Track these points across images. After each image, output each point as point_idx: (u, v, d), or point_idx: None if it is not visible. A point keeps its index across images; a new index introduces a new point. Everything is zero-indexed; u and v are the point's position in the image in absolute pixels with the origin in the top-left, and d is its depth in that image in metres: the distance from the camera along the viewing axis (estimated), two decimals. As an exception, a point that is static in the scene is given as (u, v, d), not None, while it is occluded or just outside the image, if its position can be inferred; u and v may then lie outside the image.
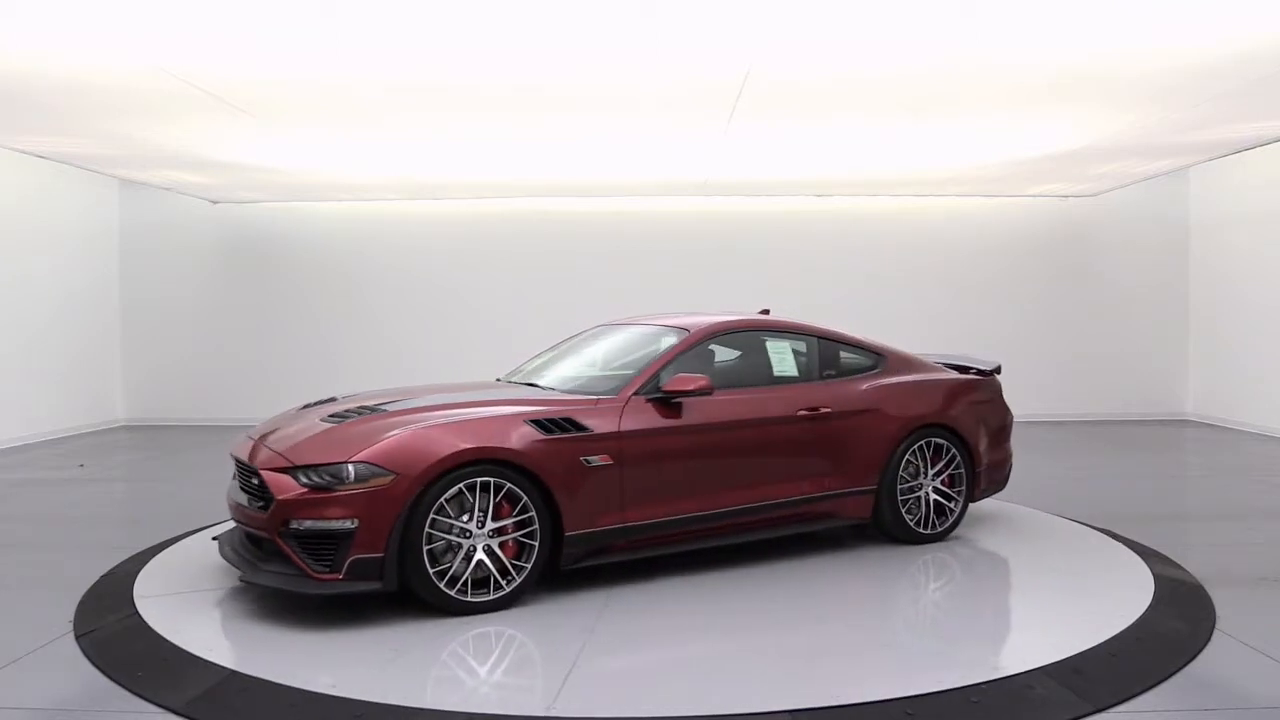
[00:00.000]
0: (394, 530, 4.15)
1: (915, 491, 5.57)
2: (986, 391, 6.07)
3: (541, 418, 4.58)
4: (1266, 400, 10.44)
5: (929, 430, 5.63)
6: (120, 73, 6.21)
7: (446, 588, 4.25)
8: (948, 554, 5.42)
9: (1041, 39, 5.62)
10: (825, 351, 5.64)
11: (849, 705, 3.30)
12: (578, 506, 4.53)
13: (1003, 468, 6.11)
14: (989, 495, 6.02)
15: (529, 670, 3.81)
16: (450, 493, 4.25)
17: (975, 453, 5.77)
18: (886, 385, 5.65)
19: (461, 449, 4.28)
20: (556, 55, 5.95)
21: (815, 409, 5.33)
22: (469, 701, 3.44)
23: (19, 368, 10.39)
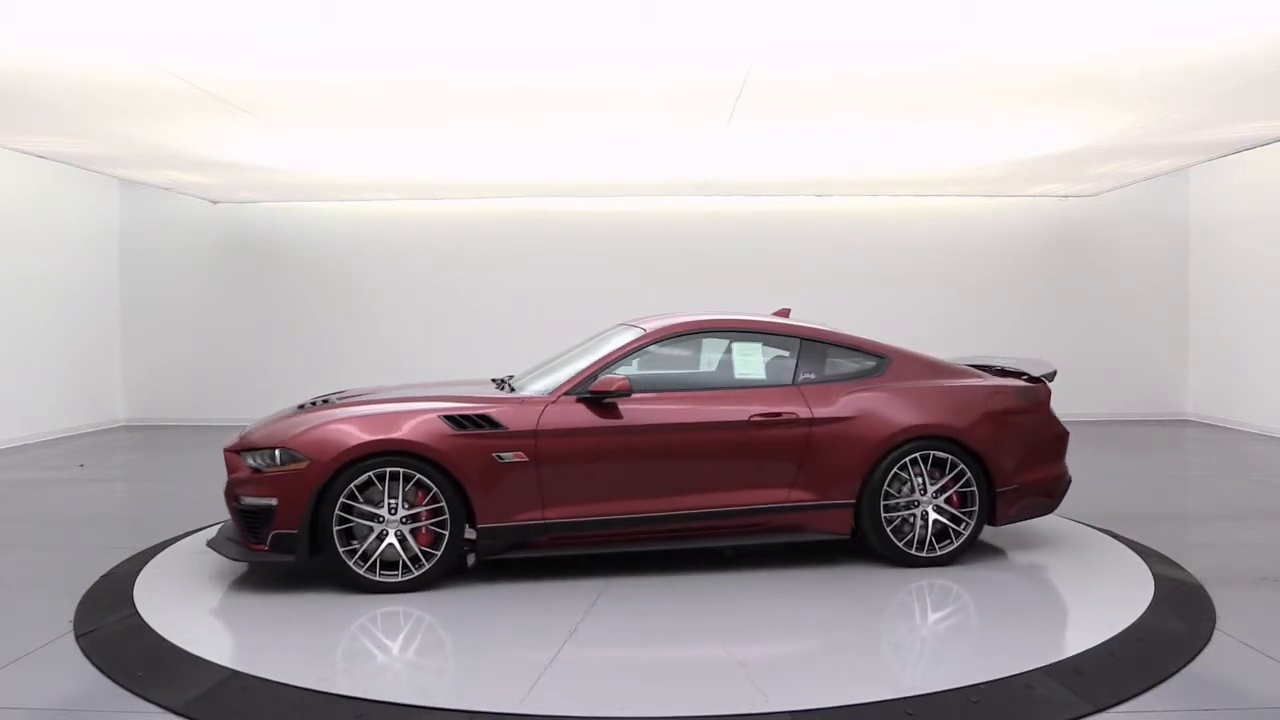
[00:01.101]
0: (306, 510, 4.61)
1: (910, 509, 5.05)
2: (1020, 400, 5.35)
3: (456, 414, 4.83)
4: (1266, 400, 10.44)
5: (927, 442, 5.08)
6: (120, 73, 6.20)
7: (356, 565, 4.65)
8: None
9: (1041, 39, 5.62)
10: (807, 354, 5.27)
11: (849, 705, 3.30)
12: (491, 500, 4.74)
13: (1047, 488, 5.36)
14: (1028, 518, 5.39)
15: (510, 664, 3.81)
16: (360, 480, 4.64)
17: (995, 470, 5.10)
18: (874, 391, 5.16)
19: (364, 441, 4.68)
20: (556, 55, 5.95)
21: (776, 414, 5.00)
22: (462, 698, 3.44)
23: (19, 368, 10.39)
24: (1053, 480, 5.39)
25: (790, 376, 5.19)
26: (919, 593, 4.72)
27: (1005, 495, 5.17)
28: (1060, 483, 5.44)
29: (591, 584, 4.78)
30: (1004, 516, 5.21)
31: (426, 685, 3.61)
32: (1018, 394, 5.39)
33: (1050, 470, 5.39)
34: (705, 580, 4.85)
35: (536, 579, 4.88)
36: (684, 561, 5.09)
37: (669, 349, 5.48)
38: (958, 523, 5.09)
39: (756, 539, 5.06)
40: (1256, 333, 10.67)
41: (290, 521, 4.63)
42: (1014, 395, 5.38)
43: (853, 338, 5.47)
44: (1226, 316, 11.28)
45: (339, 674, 3.63)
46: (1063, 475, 5.46)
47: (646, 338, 5.24)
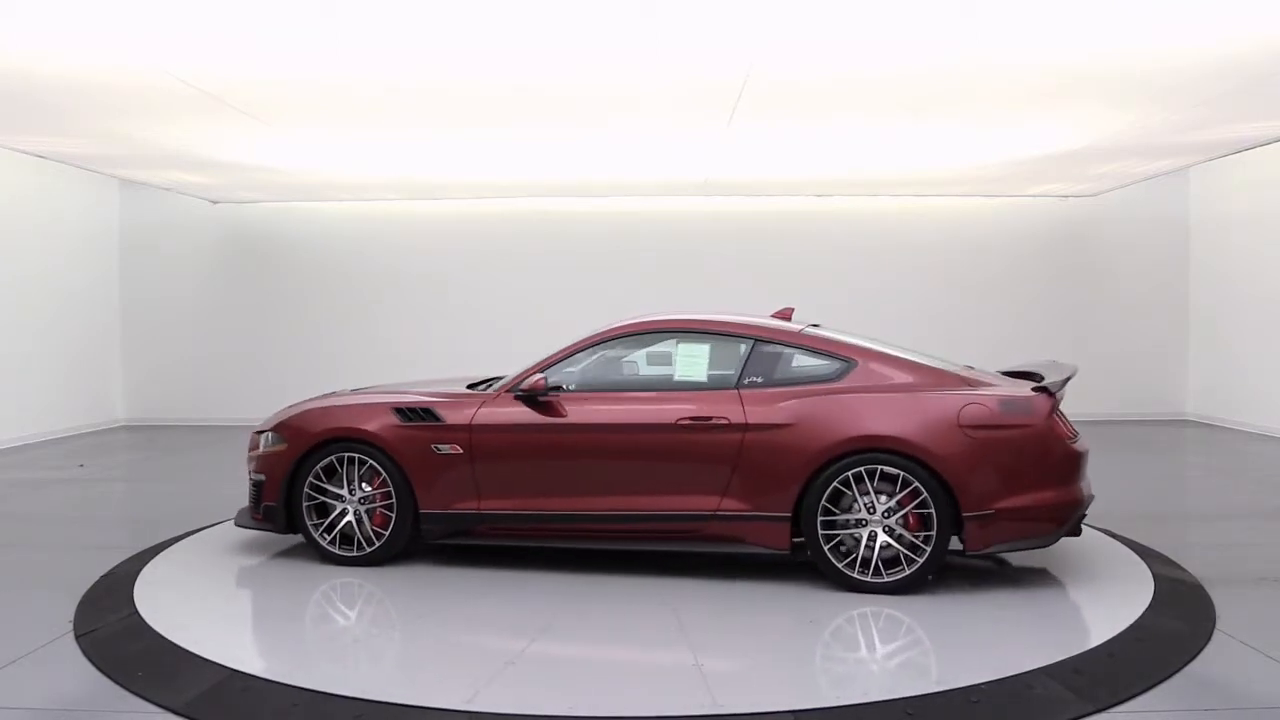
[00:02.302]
0: (283, 487, 5.20)
1: (856, 528, 4.60)
2: (1004, 413, 4.64)
3: (405, 407, 5.19)
4: (1266, 400, 10.44)
5: (873, 454, 4.60)
6: (120, 73, 6.20)
7: (320, 538, 5.20)
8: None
9: (1041, 39, 5.62)
10: (759, 356, 4.95)
11: (849, 705, 3.30)
12: (432, 488, 5.07)
13: (1042, 515, 4.61)
14: (1018, 548, 4.71)
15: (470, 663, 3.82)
16: (324, 462, 5.18)
17: (961, 491, 4.51)
18: (823, 396, 4.75)
19: (325, 428, 5.24)
20: (556, 55, 5.95)
21: (706, 418, 4.78)
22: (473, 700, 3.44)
23: (19, 368, 10.39)
24: (1050, 507, 4.61)
25: (734, 379, 4.92)
26: (917, 594, 4.71)
27: (977, 521, 4.52)
28: (1062, 510, 4.64)
29: (576, 579, 4.79)
30: (977, 545, 4.56)
31: (425, 684, 3.61)
32: (1001, 406, 4.67)
33: (1046, 495, 4.60)
34: (717, 584, 4.85)
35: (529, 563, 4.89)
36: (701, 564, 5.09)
37: (631, 350, 5.34)
38: (916, 549, 4.56)
39: (691, 546, 4.86)
40: (1256, 333, 10.67)
41: (273, 496, 5.24)
42: (994, 407, 4.65)
43: (818, 339, 5.07)
44: (1226, 316, 11.28)
45: (339, 672, 3.63)
46: (1066, 501, 4.65)
47: (594, 338, 5.24)
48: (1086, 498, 4.78)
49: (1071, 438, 4.75)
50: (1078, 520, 4.81)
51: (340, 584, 4.91)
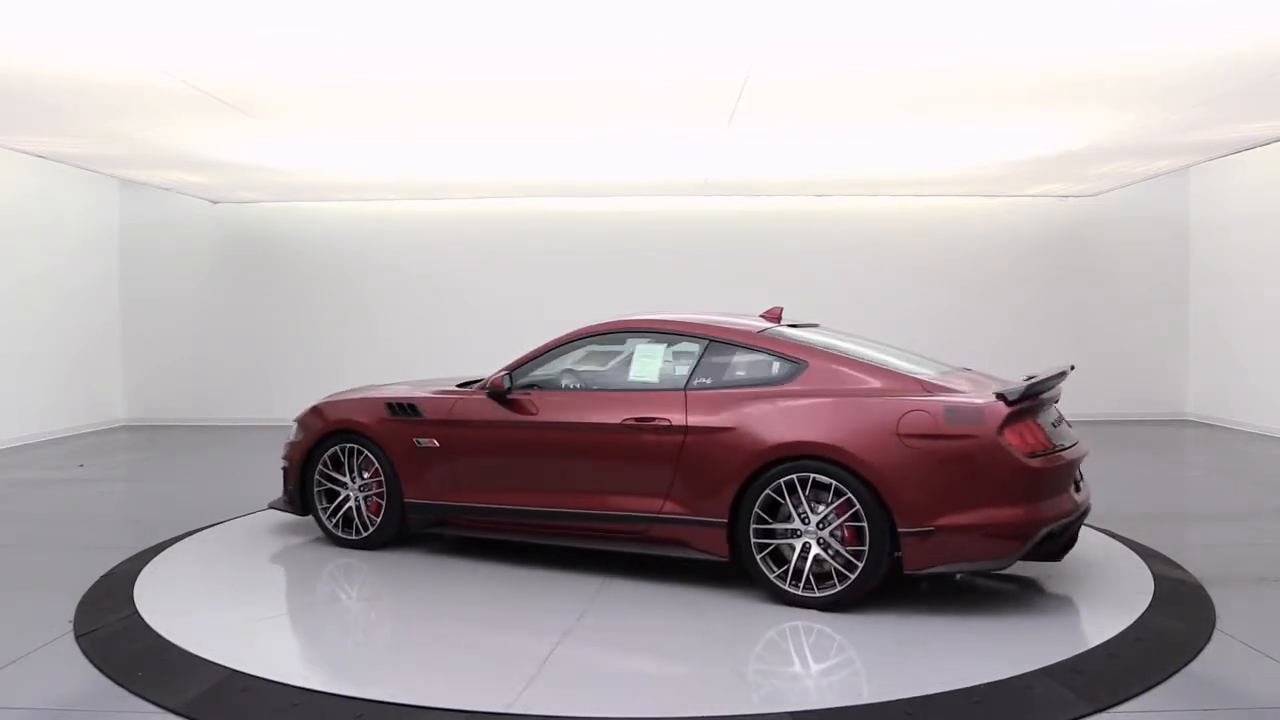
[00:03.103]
0: (298, 474, 5.69)
1: (791, 538, 4.39)
2: (949, 423, 4.25)
3: (394, 402, 5.52)
4: (1266, 400, 10.44)
5: (804, 462, 4.37)
6: (120, 73, 6.20)
7: (326, 521, 5.61)
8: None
9: (1041, 39, 5.62)
10: (711, 357, 4.85)
11: (849, 706, 3.30)
12: (416, 479, 5.35)
13: (990, 534, 4.18)
14: (962, 571, 4.34)
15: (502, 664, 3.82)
16: (330, 452, 5.59)
17: (896, 505, 4.20)
18: (764, 400, 4.58)
19: (329, 420, 5.67)
20: (556, 55, 5.95)
21: (649, 419, 4.75)
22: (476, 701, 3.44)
23: (19, 368, 10.39)
24: (1001, 526, 4.17)
25: (685, 380, 4.84)
26: (916, 594, 4.71)
27: (915, 537, 4.19)
28: (1017, 529, 4.18)
29: (590, 580, 4.79)
30: (916, 563, 4.21)
31: (423, 684, 3.61)
32: (945, 414, 4.28)
33: (996, 513, 4.18)
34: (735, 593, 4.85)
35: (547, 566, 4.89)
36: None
37: (608, 349, 5.36)
38: (851, 565, 4.29)
39: (637, 547, 4.81)
40: (1256, 333, 10.67)
41: (292, 481, 5.74)
42: (938, 415, 4.28)
43: (773, 340, 4.87)
44: (1226, 316, 11.28)
45: (339, 672, 3.63)
46: (1020, 521, 4.19)
47: (562, 338, 5.32)
48: (1059, 515, 4.30)
49: (1035, 451, 4.25)
50: (1054, 542, 4.40)
51: (340, 584, 4.91)
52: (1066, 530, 4.51)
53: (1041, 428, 4.43)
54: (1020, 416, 4.30)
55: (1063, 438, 4.59)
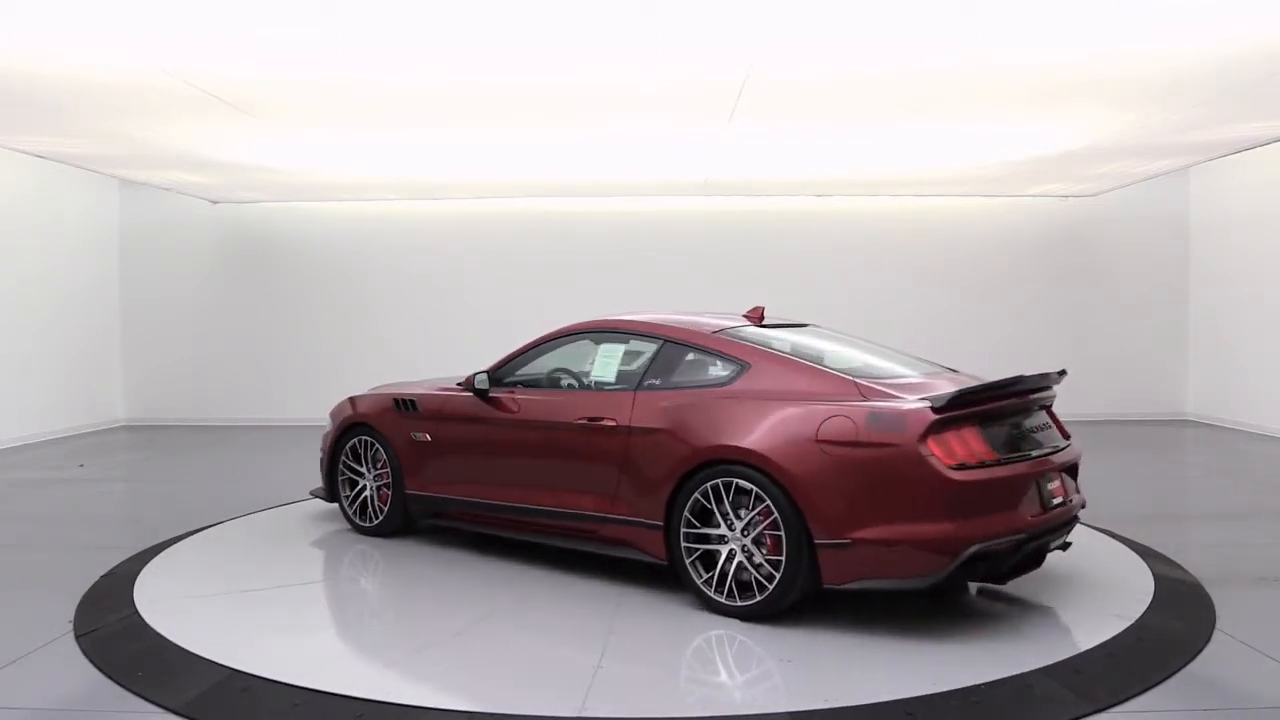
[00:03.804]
0: (328, 464, 6.09)
1: (719, 544, 4.28)
2: (869, 430, 3.99)
3: (398, 398, 5.80)
4: (1266, 400, 10.44)
5: (728, 467, 4.25)
6: (120, 73, 6.20)
7: (346, 508, 6.02)
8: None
9: (1041, 39, 5.62)
10: (664, 358, 4.80)
11: (849, 706, 3.30)
12: (414, 472, 5.64)
13: (905, 551, 3.90)
14: (883, 588, 4.02)
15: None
16: (349, 444, 5.97)
17: (811, 515, 4.00)
18: (699, 402, 4.50)
19: (348, 415, 6.05)
20: (556, 55, 5.95)
21: (598, 419, 4.76)
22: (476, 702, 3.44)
23: (19, 368, 10.39)
24: (922, 543, 3.87)
25: (637, 380, 4.82)
26: (916, 594, 4.71)
27: (831, 549, 3.98)
28: (939, 547, 3.86)
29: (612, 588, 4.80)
30: (834, 577, 4.01)
31: (423, 685, 3.61)
32: (867, 421, 4.02)
33: (917, 528, 3.88)
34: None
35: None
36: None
37: (567, 350, 5.43)
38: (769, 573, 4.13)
39: (597, 547, 4.80)
40: (1256, 333, 10.67)
41: (323, 470, 6.19)
42: (859, 422, 4.03)
43: (721, 340, 4.75)
44: (1226, 316, 11.28)
45: (338, 672, 3.62)
46: (942, 538, 3.85)
47: (539, 339, 5.44)
48: (996, 533, 3.93)
49: (966, 463, 3.91)
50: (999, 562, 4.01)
51: (339, 584, 4.91)
52: (1019, 549, 4.03)
53: (983, 438, 4.04)
54: (951, 425, 3.97)
55: (1029, 447, 4.26)
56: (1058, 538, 4.37)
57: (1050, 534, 4.26)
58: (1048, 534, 4.22)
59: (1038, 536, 4.13)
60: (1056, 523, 4.27)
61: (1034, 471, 4.18)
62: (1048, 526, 4.19)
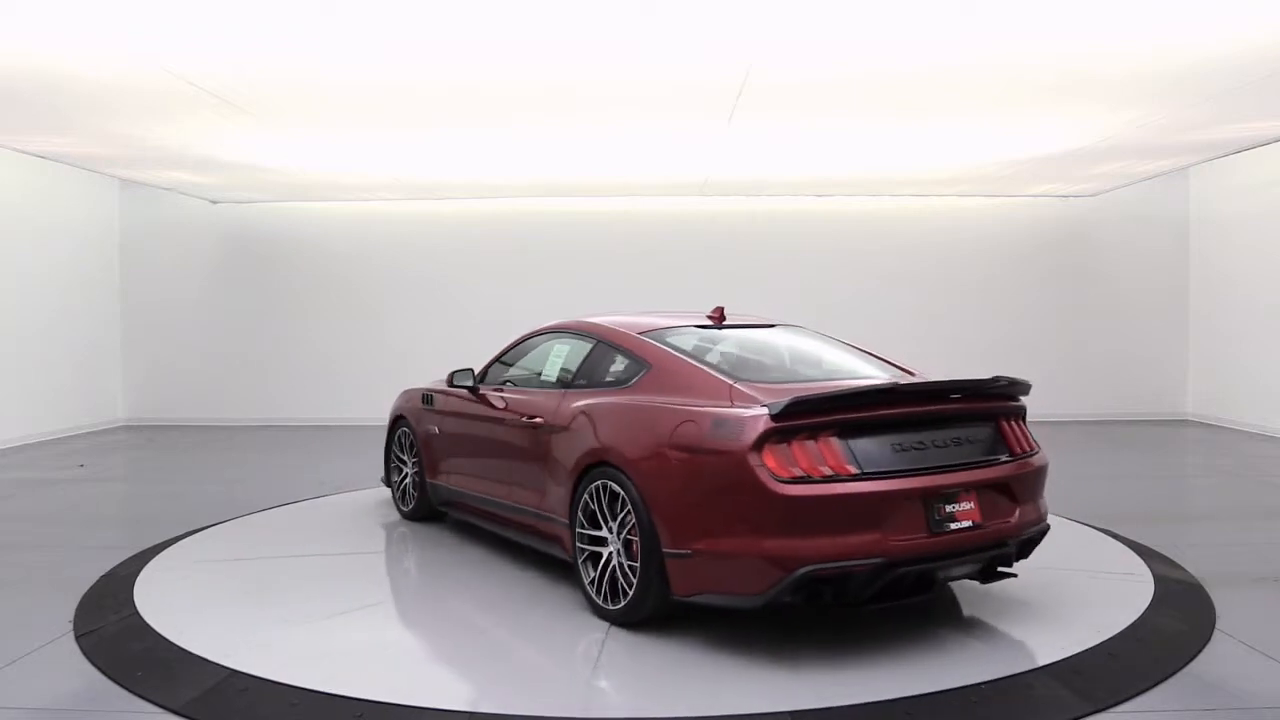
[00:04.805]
0: (385, 454, 6.61)
1: (601, 546, 4.22)
2: (713, 436, 3.78)
3: (426, 393, 6.16)
4: (1266, 400, 10.44)
5: (603, 470, 4.20)
6: (120, 73, 6.21)
7: (394, 493, 6.51)
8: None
9: (1042, 39, 5.62)
10: (595, 357, 4.83)
11: (849, 705, 3.30)
12: (433, 462, 5.99)
13: (739, 567, 3.65)
14: (721, 604, 3.80)
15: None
16: (395, 435, 6.48)
17: (659, 521, 3.86)
18: (597, 402, 4.46)
19: (396, 408, 6.54)
20: (556, 55, 5.95)
21: (533, 417, 4.86)
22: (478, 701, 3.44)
23: (19, 368, 10.39)
24: (749, 558, 3.61)
25: (570, 380, 4.90)
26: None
27: (676, 560, 3.81)
28: (765, 564, 3.57)
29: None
30: (680, 589, 3.83)
31: (423, 684, 3.61)
32: (713, 426, 3.81)
33: (744, 543, 3.63)
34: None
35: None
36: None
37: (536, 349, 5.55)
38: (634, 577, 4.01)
39: (547, 545, 4.77)
40: (1256, 333, 10.67)
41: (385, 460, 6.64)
42: (706, 427, 3.83)
43: (637, 341, 4.66)
44: (1226, 316, 11.28)
45: (337, 673, 3.62)
46: (768, 555, 3.57)
47: (519, 338, 5.73)
48: (842, 555, 3.56)
49: (805, 476, 3.59)
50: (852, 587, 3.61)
51: (339, 584, 4.91)
52: (880, 575, 3.60)
53: (844, 449, 3.68)
54: (802, 433, 3.65)
55: (926, 462, 3.80)
56: (964, 565, 3.90)
57: (948, 560, 3.78)
58: (940, 560, 3.75)
59: (918, 562, 3.68)
60: (959, 548, 3.78)
61: (915, 489, 3.70)
62: (938, 553, 3.72)
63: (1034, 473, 4.15)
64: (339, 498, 7.23)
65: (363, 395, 12.04)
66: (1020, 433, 4.21)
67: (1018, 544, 4.03)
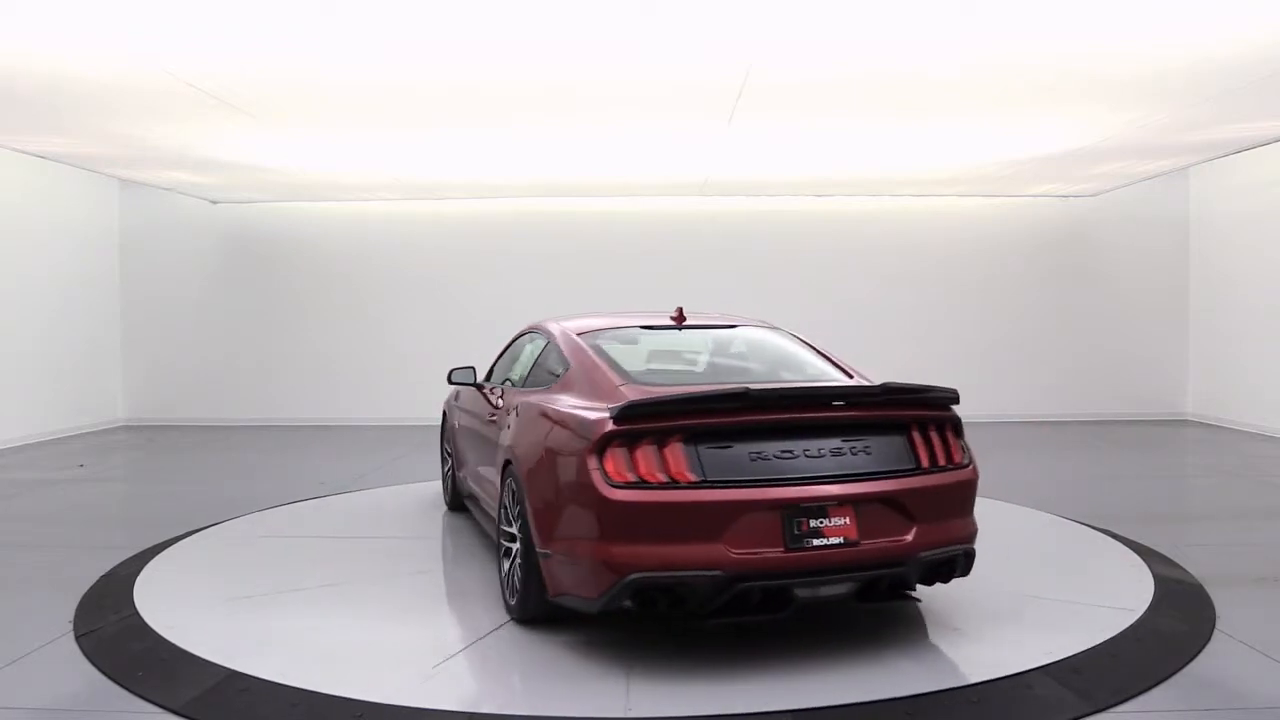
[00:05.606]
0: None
1: (513, 542, 4.22)
2: (571, 437, 3.77)
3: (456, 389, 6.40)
4: (1266, 400, 10.44)
5: (510, 468, 4.30)
6: (120, 72, 6.20)
7: (444, 485, 6.78)
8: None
9: (1042, 39, 5.62)
10: (545, 356, 4.90)
11: (849, 705, 3.30)
12: (459, 456, 6.17)
13: (580, 571, 3.62)
14: (571, 606, 3.76)
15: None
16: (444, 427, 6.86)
17: (532, 519, 3.91)
18: (524, 401, 4.53)
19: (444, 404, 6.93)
20: (556, 55, 5.95)
21: (492, 415, 5.13)
22: (469, 702, 3.44)
23: (19, 368, 10.39)
24: (583, 562, 3.59)
25: (523, 379, 5.11)
26: (915, 593, 4.71)
27: (543, 560, 3.83)
28: (595, 569, 3.53)
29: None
30: (550, 589, 3.82)
31: (420, 684, 3.61)
32: (575, 428, 3.78)
33: (581, 546, 3.60)
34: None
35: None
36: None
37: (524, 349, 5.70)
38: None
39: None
40: (1256, 333, 10.67)
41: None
42: (572, 427, 3.81)
43: (567, 342, 4.66)
44: (1226, 316, 11.29)
45: (338, 673, 3.63)
46: (596, 560, 3.51)
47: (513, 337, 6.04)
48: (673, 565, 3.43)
49: (640, 481, 3.48)
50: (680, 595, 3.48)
51: (339, 585, 4.91)
52: (724, 589, 3.43)
53: (691, 455, 3.53)
54: (647, 438, 3.54)
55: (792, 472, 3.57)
56: (834, 585, 3.64)
57: (808, 578, 3.54)
58: (798, 577, 3.52)
59: (768, 578, 3.47)
60: (823, 567, 3.54)
61: (769, 500, 3.49)
62: (793, 570, 3.50)
63: (944, 489, 3.76)
64: (339, 498, 7.23)
65: (363, 395, 12.06)
66: (940, 445, 3.86)
67: (923, 566, 3.70)
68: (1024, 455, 9.62)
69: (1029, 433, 10.95)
